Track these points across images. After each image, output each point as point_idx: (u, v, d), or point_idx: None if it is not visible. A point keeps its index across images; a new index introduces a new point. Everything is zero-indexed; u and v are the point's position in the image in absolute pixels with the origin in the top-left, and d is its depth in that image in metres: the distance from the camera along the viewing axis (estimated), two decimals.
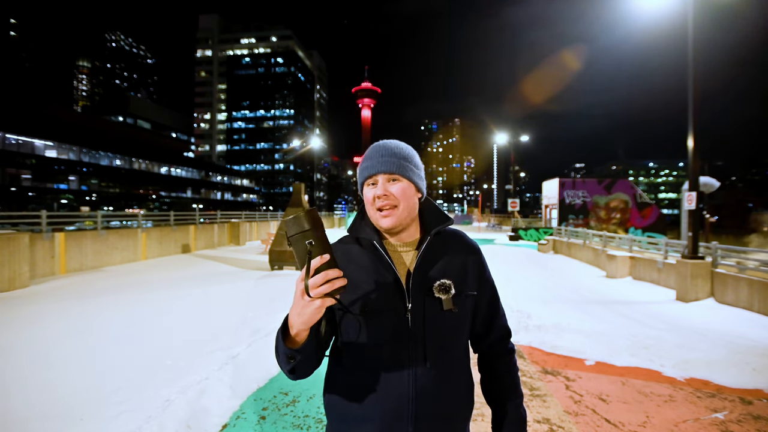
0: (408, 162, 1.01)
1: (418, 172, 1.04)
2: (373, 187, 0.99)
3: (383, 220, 0.97)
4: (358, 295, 0.96)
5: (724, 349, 4.26)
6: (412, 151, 1.04)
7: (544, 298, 7.07)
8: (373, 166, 0.99)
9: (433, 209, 1.08)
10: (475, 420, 2.90)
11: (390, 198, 0.97)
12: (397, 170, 0.98)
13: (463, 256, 1.04)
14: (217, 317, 5.56)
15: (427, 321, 0.95)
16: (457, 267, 1.01)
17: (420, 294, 0.96)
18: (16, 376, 3.47)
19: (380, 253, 0.98)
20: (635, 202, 22.26)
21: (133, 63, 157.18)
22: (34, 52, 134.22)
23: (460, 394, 1.00)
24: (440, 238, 1.04)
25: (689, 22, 7.09)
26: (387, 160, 0.98)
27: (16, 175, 32.49)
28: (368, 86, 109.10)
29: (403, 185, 0.98)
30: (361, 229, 1.03)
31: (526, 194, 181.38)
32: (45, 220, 9.22)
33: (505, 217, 46.00)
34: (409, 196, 0.99)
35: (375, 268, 0.98)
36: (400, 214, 0.97)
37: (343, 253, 1.03)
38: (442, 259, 1.01)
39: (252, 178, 72.27)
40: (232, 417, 2.97)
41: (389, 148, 1.01)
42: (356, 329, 0.96)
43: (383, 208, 0.97)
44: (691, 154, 7.19)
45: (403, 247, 1.03)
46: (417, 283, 0.96)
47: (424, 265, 0.98)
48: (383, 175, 0.98)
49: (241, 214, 22.06)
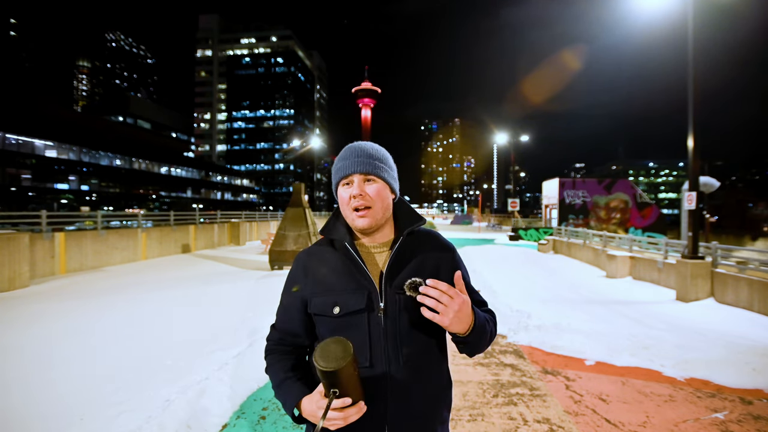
0: (382, 163, 1.03)
1: (392, 173, 1.06)
2: (348, 187, 1.01)
3: (359, 221, 0.99)
4: (333, 298, 0.98)
5: (724, 349, 4.26)
6: (385, 152, 1.06)
7: (544, 298, 7.07)
8: (349, 166, 1.00)
9: (406, 210, 1.10)
10: (475, 420, 2.90)
11: (365, 198, 0.98)
12: (373, 171, 1.00)
13: (436, 255, 1.05)
14: (217, 317, 5.56)
15: (401, 319, 0.96)
16: (430, 266, 1.02)
17: (393, 293, 0.97)
18: (16, 376, 3.47)
19: (352, 255, 1.00)
20: (635, 202, 22.25)
21: (133, 63, 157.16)
22: (34, 52, 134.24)
23: (437, 393, 1.00)
24: (413, 238, 1.05)
25: (689, 22, 7.08)
26: (362, 161, 1.00)
27: (16, 175, 32.47)
28: (368, 86, 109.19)
29: (378, 186, 1.00)
30: (334, 231, 1.05)
31: (526, 194, 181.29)
32: (45, 220, 9.21)
33: (505, 217, 46.01)
34: (384, 197, 1.01)
35: (348, 270, 0.99)
36: (375, 214, 0.99)
37: (317, 256, 1.05)
38: (414, 258, 1.02)
39: (252, 178, 72.27)
40: (232, 417, 2.98)
41: (364, 150, 1.02)
42: (332, 330, 0.97)
43: (359, 208, 0.98)
44: (691, 154, 7.19)
45: (377, 247, 1.04)
46: (390, 282, 0.98)
47: (396, 265, 0.99)
48: (358, 175, 0.99)
49: (241, 214, 22.07)
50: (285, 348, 1.06)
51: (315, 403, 0.87)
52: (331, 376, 0.78)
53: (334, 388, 0.80)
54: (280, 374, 1.00)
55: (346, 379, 0.80)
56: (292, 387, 0.95)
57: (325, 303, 0.98)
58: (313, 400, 0.88)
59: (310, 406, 0.88)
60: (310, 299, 1.01)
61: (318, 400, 0.86)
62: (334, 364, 0.77)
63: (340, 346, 0.80)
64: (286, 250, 10.20)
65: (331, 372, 0.77)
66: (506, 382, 3.61)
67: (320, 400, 0.85)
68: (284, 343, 1.07)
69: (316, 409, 0.86)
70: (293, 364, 1.03)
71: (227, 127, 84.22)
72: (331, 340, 0.82)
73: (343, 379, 0.79)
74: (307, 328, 1.04)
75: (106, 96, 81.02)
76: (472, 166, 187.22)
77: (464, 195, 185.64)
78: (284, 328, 1.07)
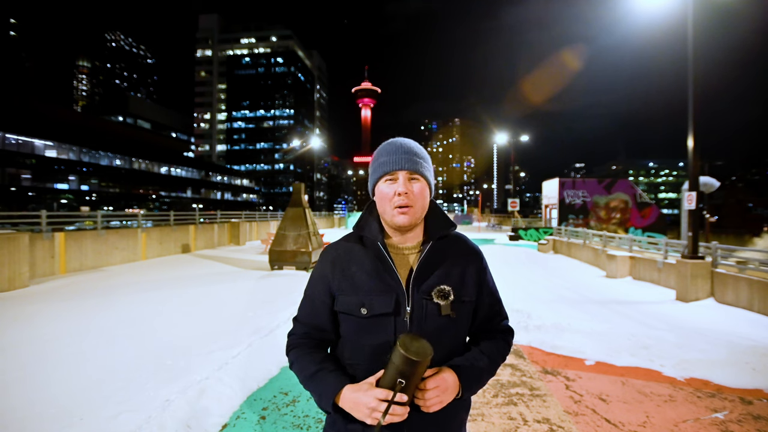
0: (426, 162, 1.03)
1: (432, 172, 1.06)
2: (392, 183, 0.99)
3: (400, 218, 0.97)
4: (360, 299, 0.97)
5: (724, 349, 4.26)
6: (426, 152, 1.06)
7: (544, 298, 7.07)
8: (395, 161, 0.99)
9: (438, 212, 1.09)
10: (476, 420, 2.90)
11: (410, 196, 0.97)
12: (418, 169, 0.99)
13: (464, 262, 1.05)
14: (216, 317, 5.55)
15: (426, 325, 0.95)
16: (458, 272, 1.02)
17: (420, 298, 0.96)
18: (16, 376, 3.47)
19: (383, 255, 0.99)
20: (635, 202, 22.25)
21: (133, 63, 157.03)
22: (34, 52, 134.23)
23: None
24: (443, 242, 1.05)
25: (689, 22, 7.08)
26: (409, 158, 0.99)
27: (16, 175, 32.47)
28: (368, 86, 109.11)
29: (421, 185, 1.00)
30: (366, 227, 1.04)
31: (526, 194, 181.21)
32: (45, 220, 9.21)
33: (505, 217, 45.99)
34: (425, 197, 1.01)
35: (377, 270, 0.98)
36: (416, 213, 0.98)
37: (346, 252, 1.04)
38: (443, 263, 1.01)
39: (252, 178, 72.26)
40: (232, 417, 2.97)
41: (409, 146, 1.01)
42: (357, 330, 0.97)
43: (402, 206, 0.97)
44: (691, 154, 7.19)
45: (407, 249, 1.03)
46: (417, 286, 0.97)
47: (425, 269, 0.99)
48: (404, 172, 0.98)
49: (241, 214, 22.04)
50: (313, 342, 1.05)
51: (364, 392, 0.86)
52: (411, 365, 0.78)
53: (402, 379, 0.79)
54: (311, 366, 0.97)
55: (419, 375, 0.80)
56: (327, 377, 0.94)
57: (352, 302, 0.97)
58: (361, 388, 0.87)
59: (355, 395, 0.87)
60: (337, 296, 1.00)
61: (367, 389, 0.85)
62: (421, 355, 0.78)
63: (425, 344, 0.81)
64: (286, 250, 10.20)
65: (415, 362, 0.78)
66: (506, 382, 3.61)
67: (370, 389, 0.85)
68: (311, 337, 1.05)
69: (364, 397, 0.85)
70: (324, 356, 1.01)
71: (227, 127, 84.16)
72: (414, 336, 0.83)
73: (417, 375, 0.80)
74: (334, 323, 1.03)
75: (106, 96, 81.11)
76: (472, 166, 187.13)
77: (464, 195, 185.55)
78: (311, 322, 1.05)
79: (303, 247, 10.13)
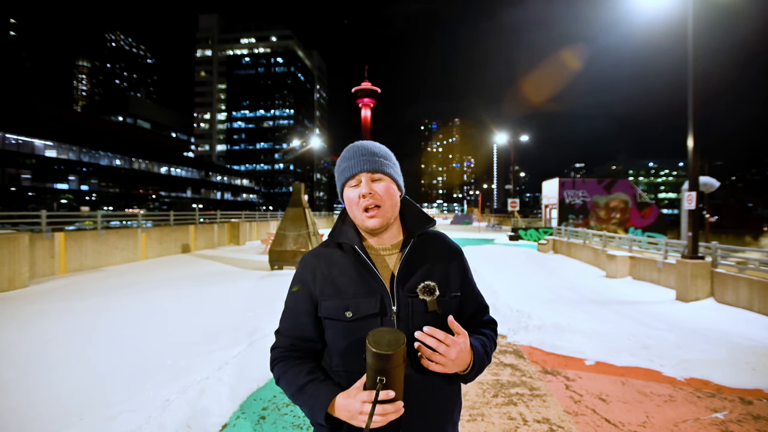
0: (387, 160, 1.02)
1: (397, 169, 1.05)
2: (356, 187, 0.98)
3: (369, 221, 0.97)
4: (344, 302, 0.96)
5: (724, 349, 4.26)
6: (388, 150, 1.05)
7: (544, 298, 7.06)
8: (355, 165, 0.98)
9: (413, 209, 1.08)
10: (475, 420, 2.90)
11: (375, 197, 0.96)
12: (379, 168, 0.98)
13: (446, 258, 1.05)
14: (217, 317, 5.55)
15: (413, 323, 0.95)
16: (441, 269, 1.02)
17: (405, 296, 0.96)
18: (15, 376, 3.47)
19: (363, 258, 0.99)
20: (635, 202, 22.25)
21: (133, 63, 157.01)
22: (34, 52, 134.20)
23: (449, 395, 1.00)
24: (422, 240, 1.05)
25: (689, 22, 7.08)
26: (368, 159, 0.98)
27: (16, 175, 32.46)
28: (368, 86, 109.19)
29: (386, 183, 0.99)
30: (342, 234, 1.03)
31: (526, 194, 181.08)
32: (45, 220, 9.21)
33: (505, 216, 45.99)
34: (393, 194, 1.00)
35: (359, 273, 0.98)
36: (386, 213, 0.98)
37: (326, 258, 1.03)
38: (425, 261, 1.01)
39: (252, 178, 72.25)
40: (232, 417, 2.97)
41: (367, 148, 1.01)
42: (344, 335, 0.96)
43: (369, 208, 0.96)
44: (691, 154, 7.19)
45: (386, 250, 1.03)
46: (402, 285, 0.97)
47: (408, 268, 0.99)
48: (366, 174, 0.98)
49: (241, 214, 22.04)
50: (298, 354, 1.02)
51: (354, 398, 0.84)
52: (383, 361, 0.76)
53: (381, 376, 0.77)
54: (299, 378, 0.94)
55: (396, 368, 0.78)
56: (319, 387, 0.91)
57: (336, 307, 0.96)
58: (350, 395, 0.85)
59: (347, 401, 0.85)
60: (320, 302, 0.99)
61: (356, 394, 0.84)
62: (388, 348, 0.76)
63: (394, 336, 0.79)
64: (286, 250, 10.20)
65: (385, 356, 0.75)
66: (506, 381, 3.61)
67: (359, 393, 0.83)
68: (296, 349, 1.02)
69: (355, 403, 0.83)
70: (312, 366, 0.98)
71: (227, 127, 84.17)
72: (384, 329, 0.81)
73: (393, 368, 0.77)
74: (319, 331, 1.01)
75: (106, 96, 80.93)
76: (472, 166, 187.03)
77: (464, 195, 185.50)
78: (295, 333, 1.02)
79: (303, 247, 10.13)
